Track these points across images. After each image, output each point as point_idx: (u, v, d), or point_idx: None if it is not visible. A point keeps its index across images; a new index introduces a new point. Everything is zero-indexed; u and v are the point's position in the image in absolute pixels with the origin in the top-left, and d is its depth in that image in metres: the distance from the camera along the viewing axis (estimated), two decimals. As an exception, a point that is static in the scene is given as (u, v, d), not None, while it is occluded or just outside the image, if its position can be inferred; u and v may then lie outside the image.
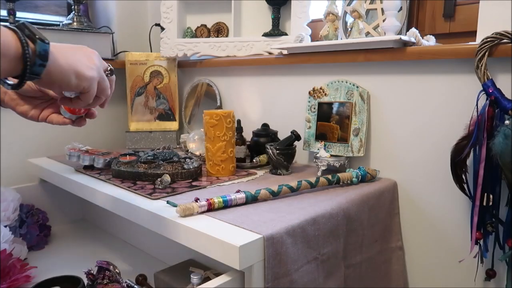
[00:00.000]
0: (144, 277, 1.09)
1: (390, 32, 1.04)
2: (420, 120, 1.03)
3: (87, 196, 1.08)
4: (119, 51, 1.70)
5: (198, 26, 1.54)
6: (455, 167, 0.91)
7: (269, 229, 0.72)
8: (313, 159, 1.13)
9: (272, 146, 1.12)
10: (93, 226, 1.54)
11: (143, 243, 1.33)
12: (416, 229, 1.07)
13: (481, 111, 0.84)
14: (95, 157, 1.20)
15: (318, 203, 0.87)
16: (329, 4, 1.16)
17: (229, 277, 0.70)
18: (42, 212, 1.39)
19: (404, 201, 1.08)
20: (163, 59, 1.59)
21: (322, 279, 0.82)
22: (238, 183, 1.05)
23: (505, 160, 0.79)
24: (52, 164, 1.34)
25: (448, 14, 1.15)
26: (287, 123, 1.29)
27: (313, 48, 1.17)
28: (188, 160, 1.12)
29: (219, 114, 1.07)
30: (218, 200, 0.82)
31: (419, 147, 1.03)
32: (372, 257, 0.99)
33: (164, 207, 0.85)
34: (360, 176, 1.02)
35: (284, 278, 0.73)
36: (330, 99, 1.17)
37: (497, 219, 0.87)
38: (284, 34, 1.35)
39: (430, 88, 1.00)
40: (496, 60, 0.87)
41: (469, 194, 0.91)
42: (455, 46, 0.93)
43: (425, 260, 1.07)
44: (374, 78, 1.10)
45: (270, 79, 1.37)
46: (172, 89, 1.63)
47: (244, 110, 1.46)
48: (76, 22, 1.57)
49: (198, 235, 0.73)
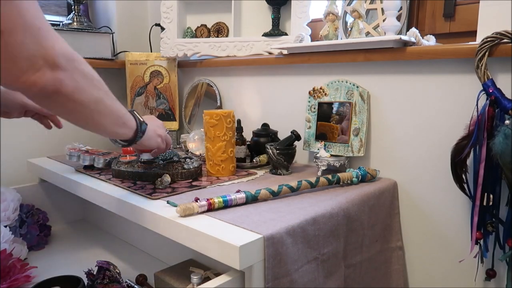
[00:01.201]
0: (144, 277, 1.09)
1: (390, 32, 1.04)
2: (420, 120, 1.03)
3: (87, 196, 1.08)
4: (119, 51, 1.70)
5: (198, 26, 1.54)
6: (455, 167, 0.91)
7: (269, 229, 0.72)
8: (313, 159, 1.13)
9: (272, 146, 1.12)
10: (93, 226, 1.54)
11: (143, 243, 1.33)
12: (416, 229, 1.07)
13: (481, 111, 0.84)
14: (95, 157, 1.20)
15: (318, 203, 0.87)
16: (329, 4, 1.16)
17: (229, 277, 0.70)
18: (42, 212, 1.39)
19: (404, 201, 1.08)
20: (163, 59, 1.59)
21: (322, 279, 0.82)
22: (238, 183, 1.05)
23: (505, 160, 0.79)
24: (52, 164, 1.34)
25: (448, 14, 1.15)
26: (287, 123, 1.29)
27: (313, 48, 1.17)
28: (188, 160, 1.12)
29: (219, 114, 1.07)
30: (218, 200, 0.82)
31: (419, 147, 1.03)
32: (372, 257, 0.99)
33: (164, 207, 0.85)
34: (360, 176, 1.02)
35: (284, 278, 0.73)
36: (330, 99, 1.17)
37: (497, 219, 0.87)
38: (284, 34, 1.35)
39: (430, 88, 1.00)
40: (496, 60, 0.87)
41: (469, 194, 0.91)
42: (455, 46, 0.93)
43: (425, 260, 1.07)
44: (374, 78, 1.10)
45: (270, 79, 1.37)
46: (172, 89, 1.63)
47: (244, 110, 1.46)
48: (76, 22, 1.57)
49: (198, 235, 0.73)
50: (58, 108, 0.64)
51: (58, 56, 0.56)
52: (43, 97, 0.59)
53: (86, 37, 1.54)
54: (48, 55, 0.55)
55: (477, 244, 0.89)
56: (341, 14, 1.26)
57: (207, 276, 0.94)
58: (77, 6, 1.59)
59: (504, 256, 0.85)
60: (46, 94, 0.57)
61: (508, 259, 0.85)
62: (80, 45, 1.52)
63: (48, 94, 0.57)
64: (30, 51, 0.53)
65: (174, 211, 0.79)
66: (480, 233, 0.88)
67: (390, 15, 1.03)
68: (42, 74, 0.55)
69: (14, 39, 0.51)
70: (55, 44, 0.57)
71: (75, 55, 0.61)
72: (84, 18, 1.61)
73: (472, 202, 0.88)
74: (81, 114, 0.66)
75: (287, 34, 1.34)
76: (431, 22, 1.18)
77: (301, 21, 1.29)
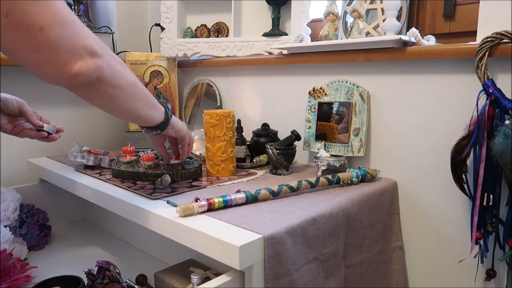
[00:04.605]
0: (144, 277, 1.09)
1: (390, 32, 1.04)
2: (420, 120, 1.03)
3: (87, 196, 1.08)
4: (119, 51, 1.70)
5: (198, 26, 1.54)
6: (455, 167, 0.91)
7: (269, 229, 0.72)
8: (313, 159, 1.13)
9: (272, 146, 1.12)
10: (93, 226, 1.54)
11: (143, 243, 1.33)
12: (416, 229, 1.07)
13: (481, 111, 0.84)
14: (101, 157, 1.21)
15: (318, 203, 0.87)
16: (329, 4, 1.16)
17: (229, 277, 0.70)
18: (42, 212, 1.39)
19: (404, 201, 1.08)
20: (163, 59, 1.59)
21: (322, 279, 0.82)
22: (238, 183, 1.05)
23: (505, 160, 0.79)
24: (52, 164, 1.34)
25: (448, 14, 1.15)
26: (287, 123, 1.29)
27: (313, 48, 1.17)
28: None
29: (219, 114, 1.07)
30: (218, 200, 0.82)
31: (419, 147, 1.03)
32: (372, 257, 0.99)
33: (164, 207, 0.85)
34: (360, 176, 1.02)
35: (284, 278, 0.73)
36: (330, 99, 1.17)
37: (497, 219, 0.87)
38: (284, 34, 1.35)
39: (430, 88, 1.00)
40: (496, 60, 0.87)
41: (469, 194, 0.91)
42: (455, 46, 0.93)
43: (425, 260, 1.07)
44: (374, 78, 1.10)
45: (270, 79, 1.37)
46: (172, 89, 1.63)
47: (244, 110, 1.46)
48: (76, 22, 1.57)
49: (198, 235, 0.73)
50: (101, 96, 0.68)
51: (94, 44, 0.61)
52: (88, 86, 0.63)
53: (86, 37, 1.54)
54: (86, 44, 0.59)
55: (477, 244, 0.89)
56: (341, 14, 1.26)
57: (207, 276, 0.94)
58: (77, 6, 1.59)
59: (504, 256, 0.85)
60: (90, 82, 0.62)
61: (508, 259, 0.85)
62: (80, 45, 1.52)
63: (92, 81, 0.62)
64: (70, 42, 0.57)
65: (174, 211, 0.79)
66: (480, 233, 0.88)
67: (390, 15, 1.03)
68: (84, 62, 0.59)
69: (54, 33, 0.54)
70: (89, 34, 0.61)
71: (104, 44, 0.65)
72: (84, 18, 1.61)
73: (472, 202, 0.88)
74: (120, 100, 0.71)
75: (287, 34, 1.34)
76: (431, 22, 1.18)
77: (301, 21, 1.29)
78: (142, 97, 0.78)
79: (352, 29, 1.10)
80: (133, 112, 0.78)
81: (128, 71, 0.73)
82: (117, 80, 0.67)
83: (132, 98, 0.74)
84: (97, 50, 0.61)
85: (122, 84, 0.69)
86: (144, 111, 0.80)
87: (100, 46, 0.63)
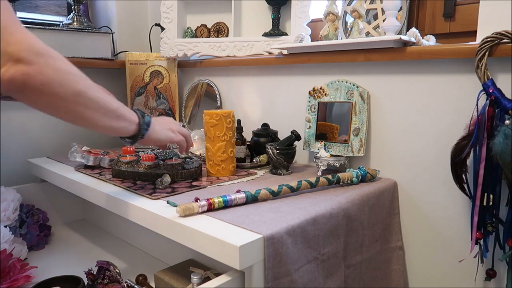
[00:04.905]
0: (144, 277, 1.09)
1: (390, 32, 1.04)
2: (420, 120, 1.03)
3: (87, 196, 1.08)
4: (119, 51, 1.70)
5: (198, 26, 1.54)
6: (455, 167, 0.91)
7: (269, 229, 0.72)
8: (313, 159, 1.13)
9: (272, 146, 1.12)
10: (93, 226, 1.54)
11: (143, 243, 1.33)
12: (416, 229, 1.07)
13: (481, 111, 0.84)
14: (101, 157, 1.21)
15: (318, 203, 0.87)
16: (329, 4, 1.16)
17: (229, 277, 0.70)
18: (42, 212, 1.39)
19: (404, 201, 1.08)
20: (163, 59, 1.59)
21: (322, 279, 0.82)
22: (238, 183, 1.05)
23: (505, 160, 0.79)
24: (52, 164, 1.33)
25: (448, 14, 1.15)
26: (287, 123, 1.29)
27: (313, 48, 1.17)
28: (188, 160, 1.12)
29: (219, 114, 1.07)
30: (218, 200, 0.82)
31: (419, 147, 1.03)
32: (372, 257, 0.99)
33: (164, 207, 0.85)
34: (360, 176, 1.02)
35: (284, 278, 0.73)
36: (330, 99, 1.17)
37: (497, 219, 0.87)
38: (284, 34, 1.35)
39: (430, 88, 1.00)
40: (496, 60, 0.87)
41: (469, 194, 0.91)
42: (455, 46, 0.93)
43: (425, 260, 1.07)
44: (374, 78, 1.10)
45: (270, 79, 1.37)
46: (172, 89, 1.63)
47: (244, 110, 1.46)
48: (76, 22, 1.57)
49: (198, 235, 0.73)
50: (38, 104, 0.66)
51: (23, 51, 0.60)
52: (18, 93, 0.62)
53: (86, 37, 1.54)
54: (12, 50, 0.59)
55: (477, 244, 0.89)
56: (341, 14, 1.26)
57: (207, 276, 0.94)
58: (77, 6, 1.59)
59: (504, 256, 0.85)
60: (16, 89, 0.61)
61: (508, 259, 0.85)
62: (80, 45, 1.52)
63: (18, 88, 0.61)
64: None
65: (174, 211, 0.79)
66: (480, 233, 0.88)
67: (390, 15, 1.03)
68: (7, 69, 0.59)
69: None
70: (23, 39, 0.60)
71: (48, 51, 0.64)
72: (84, 18, 1.61)
73: (472, 202, 0.88)
74: (61, 108, 0.68)
75: (287, 34, 1.34)
76: (431, 22, 1.18)
77: (301, 21, 1.29)
78: (96, 108, 0.71)
79: (352, 29, 1.10)
80: (86, 122, 0.72)
81: (73, 81, 0.67)
82: (52, 88, 0.63)
83: (79, 108, 0.69)
84: (26, 56, 0.59)
85: (61, 93, 0.65)
86: (102, 122, 0.74)
87: (35, 52, 0.60)
